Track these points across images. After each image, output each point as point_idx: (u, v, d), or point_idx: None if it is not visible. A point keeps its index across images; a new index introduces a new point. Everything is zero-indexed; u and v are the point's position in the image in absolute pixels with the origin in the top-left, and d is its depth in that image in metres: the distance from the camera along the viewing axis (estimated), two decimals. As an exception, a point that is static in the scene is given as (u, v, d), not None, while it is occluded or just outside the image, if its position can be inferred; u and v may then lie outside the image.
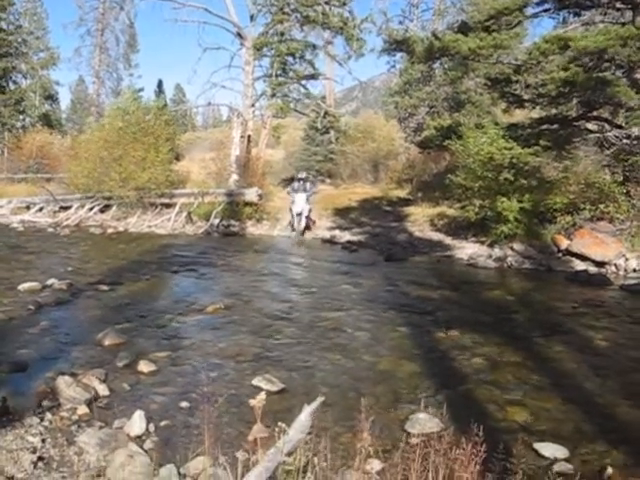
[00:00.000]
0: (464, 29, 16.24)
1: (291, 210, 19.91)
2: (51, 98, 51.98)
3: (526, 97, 17.20)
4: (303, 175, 21.57)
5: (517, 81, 16.48)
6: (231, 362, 6.98)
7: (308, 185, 20.59)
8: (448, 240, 17.74)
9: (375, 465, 4.14)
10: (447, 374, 6.86)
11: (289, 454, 3.19)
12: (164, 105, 39.21)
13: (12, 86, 43.12)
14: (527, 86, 16.35)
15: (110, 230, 20.76)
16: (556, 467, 4.57)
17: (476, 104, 27.85)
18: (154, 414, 5.22)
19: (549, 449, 4.85)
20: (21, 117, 44.21)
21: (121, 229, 21.11)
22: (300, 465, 3.39)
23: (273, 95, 29.41)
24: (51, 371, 6.41)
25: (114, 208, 23.08)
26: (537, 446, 4.90)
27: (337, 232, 20.10)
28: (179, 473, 4.24)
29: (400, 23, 35.39)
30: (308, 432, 3.38)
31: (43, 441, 4.72)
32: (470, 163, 16.48)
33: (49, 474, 4.21)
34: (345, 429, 4.79)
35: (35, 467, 4.26)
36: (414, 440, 4.88)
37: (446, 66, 26.11)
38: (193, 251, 15.87)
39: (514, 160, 15.40)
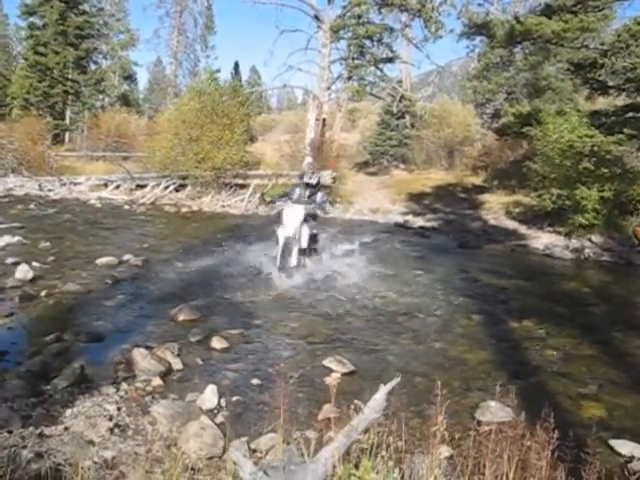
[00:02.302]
0: (548, 12, 15.78)
1: (276, 234, 10.78)
2: (130, 78, 53.17)
3: (611, 83, 16.63)
4: (314, 180, 11.53)
5: (602, 66, 15.93)
6: (302, 342, 7.02)
7: (319, 196, 11.41)
8: (523, 229, 17.41)
9: (444, 451, 4.10)
10: (519, 364, 6.74)
11: (363, 433, 3.18)
12: (240, 86, 39.53)
13: (93, 67, 44.31)
14: (613, 72, 15.82)
15: (184, 209, 21.11)
16: (634, 465, 4.43)
17: (557, 91, 27.14)
18: (226, 389, 5.29)
19: (626, 447, 4.70)
20: (101, 97, 45.40)
21: (195, 208, 21.44)
22: (374, 444, 3.39)
23: (349, 78, 29.30)
24: (126, 343, 6.58)
25: (189, 187, 23.47)
26: (613, 443, 4.76)
27: (410, 217, 19.98)
28: (249, 448, 4.30)
29: (480, 6, 34.51)
30: (382, 413, 3.37)
31: (119, 409, 4.85)
32: (549, 151, 16.09)
33: (124, 441, 4.32)
34: (414, 414, 4.77)
35: (111, 433, 4.39)
36: (484, 428, 4.83)
37: (527, 51, 25.52)
38: (266, 232, 15.98)
39: (595, 148, 14.94)
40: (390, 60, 29.98)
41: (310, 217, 10.88)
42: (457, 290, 10.25)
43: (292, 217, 10.55)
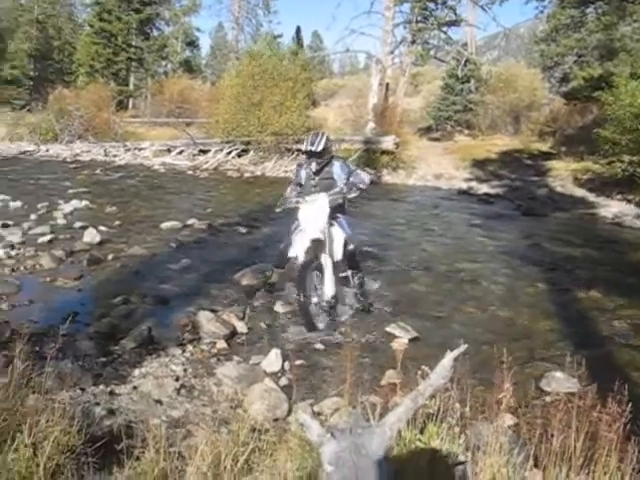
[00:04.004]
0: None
1: (291, 246, 6.71)
2: (192, 44, 53.45)
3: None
4: (318, 145, 6.65)
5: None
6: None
7: (337, 168, 6.85)
8: (592, 197, 16.96)
9: (508, 419, 4.05)
10: (586, 334, 6.58)
11: (429, 399, 3.17)
12: (301, 48, 39.33)
13: (156, 33, 44.72)
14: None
15: (247, 174, 21.26)
16: None
17: (631, 52, 26.11)
18: (289, 353, 5.32)
19: None
20: (163, 63, 45.95)
21: (258, 173, 21.55)
22: (439, 410, 3.38)
23: (413, 42, 28.85)
24: (191, 306, 6.70)
25: (251, 153, 23.54)
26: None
27: (474, 183, 19.70)
28: (313, 411, 4.32)
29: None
30: (448, 379, 3.35)
31: (185, 371, 4.95)
32: (621, 115, 15.57)
33: (191, 401, 4.41)
34: (478, 381, 4.71)
35: (178, 394, 4.48)
36: (548, 398, 4.77)
37: (600, 10, 24.56)
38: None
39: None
40: (455, 23, 29.41)
41: (338, 208, 6.78)
42: (522, 258, 10.06)
43: (312, 217, 6.43)
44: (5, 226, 10.10)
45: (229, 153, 23.74)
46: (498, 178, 20.23)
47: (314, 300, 6.31)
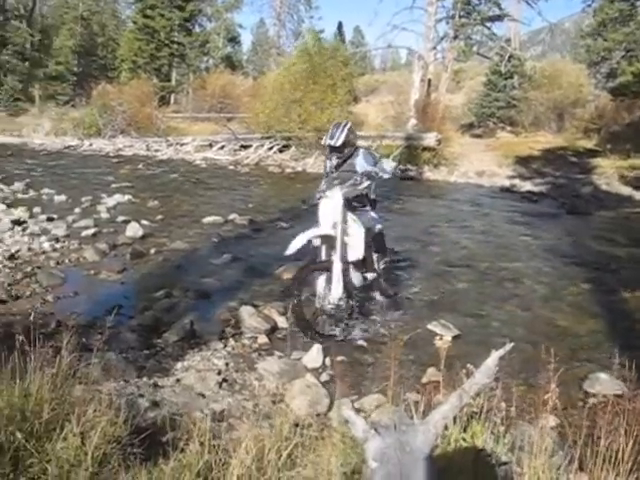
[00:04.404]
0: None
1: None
2: (234, 40, 53.78)
3: None
4: (337, 139, 6.28)
5: None
6: (407, 305, 6.99)
7: (359, 161, 6.43)
8: (638, 195, 16.63)
9: (551, 421, 4.00)
10: (631, 336, 6.41)
11: (474, 397, 3.15)
12: (342, 43, 39.26)
13: (198, 29, 45.02)
14: None
15: (288, 170, 21.29)
16: None
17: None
18: (331, 349, 5.33)
19: None
20: (205, 59, 46.30)
21: (299, 169, 21.56)
22: (483, 409, 3.35)
23: (455, 37, 28.64)
24: (233, 300, 6.75)
25: (292, 148, 23.59)
26: None
27: (517, 181, 19.47)
28: (354, 407, 4.32)
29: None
30: (492, 378, 3.33)
31: (227, 365, 4.98)
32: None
33: (232, 395, 4.44)
34: (521, 381, 4.67)
35: (220, 387, 4.52)
36: (592, 400, 4.69)
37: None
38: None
39: None
40: (498, 18, 29.10)
41: (360, 201, 6.50)
42: (565, 257, 9.93)
43: (326, 212, 6.15)
44: (50, 219, 10.28)
45: (270, 149, 23.82)
46: (541, 176, 19.97)
47: (319, 302, 5.90)
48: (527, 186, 18.74)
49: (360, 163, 6.32)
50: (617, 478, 2.94)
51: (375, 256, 6.58)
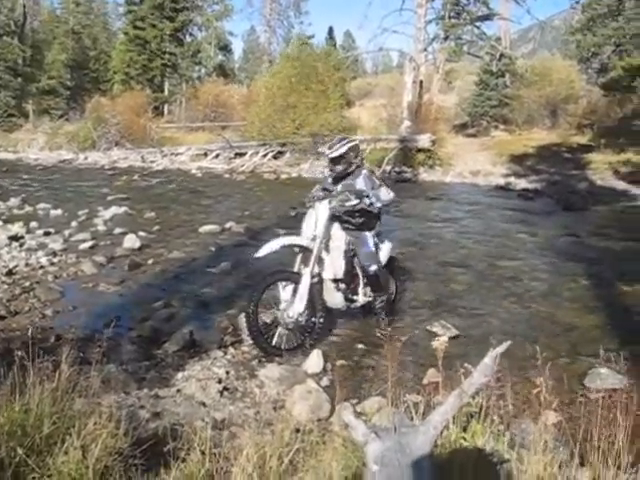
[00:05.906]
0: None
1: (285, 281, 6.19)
2: (225, 49, 53.81)
3: None
4: (337, 150, 6.09)
5: None
6: (406, 307, 7.00)
7: (361, 181, 6.09)
8: (634, 190, 16.68)
9: (550, 417, 4.00)
10: (631, 330, 6.40)
11: (472, 396, 3.15)
12: (334, 48, 39.33)
13: (189, 39, 45.14)
14: None
15: (283, 176, 21.32)
16: None
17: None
18: (331, 354, 5.33)
19: None
20: (197, 68, 46.51)
21: (294, 175, 21.60)
22: (482, 408, 3.35)
23: (446, 38, 28.70)
24: (232, 308, 6.75)
25: (287, 154, 23.64)
26: None
27: (512, 179, 19.54)
28: (355, 411, 4.32)
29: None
30: (491, 377, 3.34)
31: (227, 373, 4.98)
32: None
33: (234, 403, 4.44)
34: (521, 379, 4.67)
35: (221, 396, 4.51)
36: (593, 395, 4.69)
37: (639, -3, 24.14)
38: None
39: None
40: (487, 17, 29.15)
41: (356, 216, 6.12)
42: (563, 253, 9.95)
43: (310, 222, 6.08)
44: (47, 234, 10.28)
45: (265, 155, 23.87)
46: (536, 173, 20.03)
47: (279, 315, 5.72)
48: (522, 184, 18.81)
49: (360, 185, 6.04)
50: (618, 472, 2.94)
51: (368, 294, 6.24)
